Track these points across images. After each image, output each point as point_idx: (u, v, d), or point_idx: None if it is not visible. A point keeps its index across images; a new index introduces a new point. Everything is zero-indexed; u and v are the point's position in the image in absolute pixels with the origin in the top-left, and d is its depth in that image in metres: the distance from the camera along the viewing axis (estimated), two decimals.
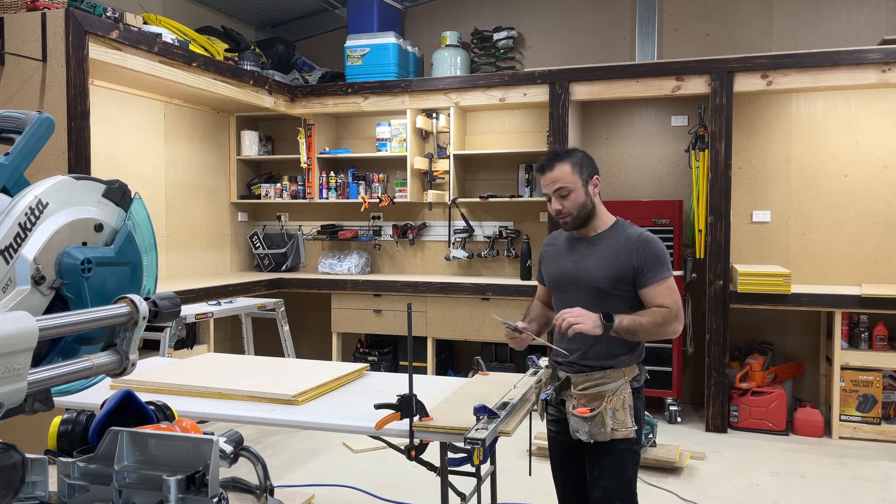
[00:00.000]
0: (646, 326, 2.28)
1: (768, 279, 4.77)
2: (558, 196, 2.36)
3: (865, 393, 4.73)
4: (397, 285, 5.65)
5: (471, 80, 5.56)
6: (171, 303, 1.27)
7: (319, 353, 6.19)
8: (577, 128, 5.57)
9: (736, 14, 5.54)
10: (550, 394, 2.47)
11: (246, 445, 1.42)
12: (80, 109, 3.79)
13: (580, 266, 2.40)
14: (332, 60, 6.42)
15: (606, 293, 2.35)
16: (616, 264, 2.34)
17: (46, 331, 1.05)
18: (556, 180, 2.36)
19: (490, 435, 2.07)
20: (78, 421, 1.48)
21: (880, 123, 5.15)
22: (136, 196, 1.40)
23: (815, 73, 4.73)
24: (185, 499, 1.20)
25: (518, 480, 3.83)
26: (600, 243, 2.40)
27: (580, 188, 2.37)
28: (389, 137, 6.08)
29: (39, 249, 1.16)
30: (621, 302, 2.36)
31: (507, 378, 2.81)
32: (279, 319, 5.18)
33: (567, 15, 5.96)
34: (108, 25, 3.99)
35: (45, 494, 1.30)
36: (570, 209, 2.36)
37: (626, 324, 2.25)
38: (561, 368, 2.46)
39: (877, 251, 5.17)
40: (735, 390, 5.00)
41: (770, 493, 3.86)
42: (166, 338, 4.21)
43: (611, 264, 2.34)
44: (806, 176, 5.30)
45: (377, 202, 5.98)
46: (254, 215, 6.64)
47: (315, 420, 2.38)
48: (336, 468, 4.21)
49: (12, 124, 1.28)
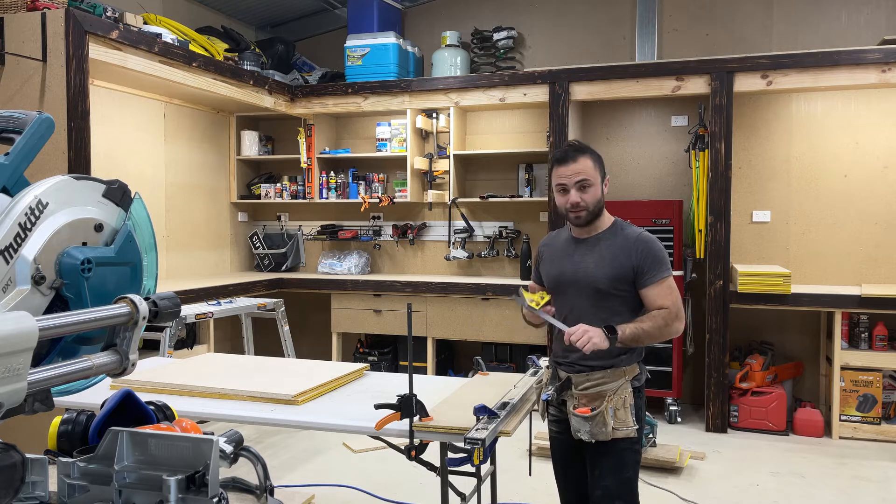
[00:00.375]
0: (649, 332, 2.28)
1: (768, 279, 4.77)
2: (579, 188, 2.34)
3: (865, 393, 4.73)
4: (397, 285, 5.65)
5: (471, 80, 5.56)
6: (171, 303, 1.27)
7: (319, 353, 6.19)
8: (577, 128, 5.57)
9: (736, 14, 5.54)
10: (551, 394, 2.48)
11: (246, 445, 1.42)
12: (80, 109, 3.79)
13: (580, 267, 2.39)
14: (332, 60, 6.42)
15: (606, 293, 2.35)
16: (615, 264, 2.34)
17: (46, 331, 1.05)
18: (580, 172, 2.34)
19: (490, 435, 2.07)
20: (78, 421, 1.48)
21: (880, 123, 5.15)
22: (136, 196, 1.40)
23: (815, 73, 4.73)
24: (185, 499, 1.20)
25: (518, 480, 3.82)
26: (600, 244, 2.40)
27: (599, 184, 2.38)
28: (389, 137, 6.08)
29: (39, 249, 1.16)
30: (621, 302, 2.36)
31: (507, 378, 2.81)
32: (279, 319, 5.18)
33: (567, 15, 5.96)
34: (108, 25, 3.99)
35: (45, 494, 1.30)
36: (588, 203, 2.35)
37: (629, 333, 2.25)
38: (562, 368, 2.47)
39: (877, 251, 5.17)
40: (735, 390, 5.00)
41: (770, 493, 3.86)
42: (166, 338, 4.21)
43: (610, 265, 2.35)
44: (806, 176, 5.30)
45: (377, 202, 5.98)
46: (254, 215, 6.64)
47: (315, 420, 2.38)
48: (336, 468, 4.21)
49: (12, 124, 1.28)
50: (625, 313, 2.35)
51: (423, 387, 2.77)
